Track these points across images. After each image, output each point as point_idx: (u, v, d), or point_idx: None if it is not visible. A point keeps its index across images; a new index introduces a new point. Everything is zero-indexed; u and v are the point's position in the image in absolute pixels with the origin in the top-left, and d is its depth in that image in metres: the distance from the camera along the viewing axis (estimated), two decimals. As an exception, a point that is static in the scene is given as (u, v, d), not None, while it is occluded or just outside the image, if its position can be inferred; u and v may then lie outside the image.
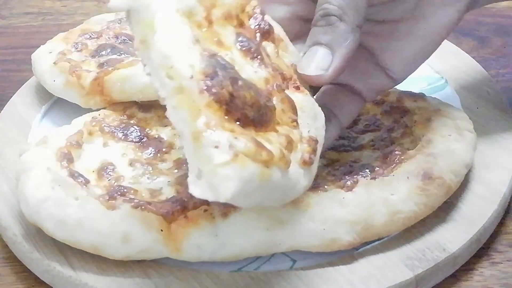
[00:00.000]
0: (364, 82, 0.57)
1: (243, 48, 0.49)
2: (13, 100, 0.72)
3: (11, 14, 0.96)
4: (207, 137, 0.41)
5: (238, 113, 0.43)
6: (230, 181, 0.40)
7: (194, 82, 0.42)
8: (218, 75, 0.43)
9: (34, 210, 0.53)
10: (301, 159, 0.46)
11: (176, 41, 0.44)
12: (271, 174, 0.43)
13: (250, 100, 0.44)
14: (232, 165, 0.41)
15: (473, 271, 0.54)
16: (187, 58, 0.43)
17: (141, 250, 0.51)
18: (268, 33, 0.52)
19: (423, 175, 0.54)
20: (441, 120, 0.60)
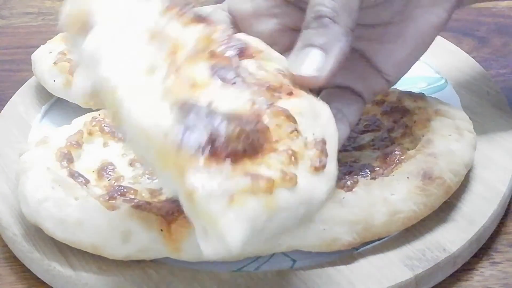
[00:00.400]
0: (363, 84, 0.57)
1: (219, 78, 0.46)
2: (13, 100, 0.72)
3: (11, 14, 0.96)
4: (198, 194, 0.39)
5: (224, 152, 0.41)
6: (235, 227, 0.38)
7: (169, 142, 0.40)
8: (192, 125, 0.41)
9: (34, 210, 0.53)
10: (311, 167, 0.43)
11: (143, 107, 0.42)
12: (277, 199, 0.40)
13: (234, 133, 0.42)
14: (231, 209, 0.39)
15: (473, 271, 0.54)
16: (158, 120, 0.41)
17: (141, 250, 0.51)
18: (243, 51, 0.49)
19: (423, 175, 0.54)
20: (441, 120, 0.60)
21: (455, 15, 0.81)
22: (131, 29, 0.45)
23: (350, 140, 0.61)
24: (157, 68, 0.44)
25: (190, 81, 0.44)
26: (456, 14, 0.90)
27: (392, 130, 0.61)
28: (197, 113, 0.41)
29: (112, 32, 0.44)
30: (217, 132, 0.41)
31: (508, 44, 0.84)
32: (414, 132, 0.60)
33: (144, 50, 0.44)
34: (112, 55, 0.43)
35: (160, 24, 0.46)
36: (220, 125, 0.41)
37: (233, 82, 0.46)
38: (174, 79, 0.44)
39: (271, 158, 0.42)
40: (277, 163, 0.42)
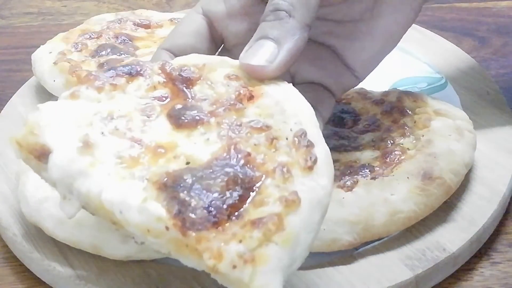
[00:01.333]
0: (334, 81, 0.58)
1: (181, 125, 0.46)
2: (13, 100, 0.72)
3: (11, 14, 0.96)
4: (221, 268, 0.40)
5: (225, 213, 0.41)
6: (269, 284, 0.39)
7: (173, 231, 0.41)
8: (185, 206, 0.41)
9: (34, 210, 0.53)
10: (304, 168, 0.43)
11: (132, 203, 0.41)
12: (291, 228, 0.41)
13: (224, 188, 0.42)
14: (257, 270, 0.39)
15: (473, 271, 0.54)
16: (151, 214, 0.41)
17: (141, 250, 0.51)
18: (188, 80, 0.49)
19: (423, 175, 0.54)
20: (441, 120, 0.60)
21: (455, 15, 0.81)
22: (83, 134, 0.44)
23: (350, 140, 0.61)
24: (123, 154, 0.44)
25: (157, 148, 0.44)
26: (456, 14, 0.90)
27: (392, 130, 0.61)
28: (184, 191, 0.42)
29: (69, 151, 0.43)
30: (209, 198, 0.41)
31: (508, 44, 0.84)
32: (414, 132, 0.60)
33: (104, 145, 0.44)
34: (80, 169, 0.43)
35: (103, 109, 0.46)
36: (208, 188, 0.42)
37: (195, 122, 0.46)
38: (143, 155, 0.44)
39: (268, 187, 0.42)
40: (275, 189, 0.42)
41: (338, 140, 0.61)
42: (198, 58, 0.51)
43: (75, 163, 0.43)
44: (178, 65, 0.49)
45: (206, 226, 0.41)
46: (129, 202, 0.42)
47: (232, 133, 0.45)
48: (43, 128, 0.44)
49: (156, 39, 0.75)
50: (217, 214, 0.41)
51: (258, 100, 0.47)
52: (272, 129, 0.45)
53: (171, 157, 0.44)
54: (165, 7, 0.98)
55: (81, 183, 0.43)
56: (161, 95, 0.48)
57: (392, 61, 0.61)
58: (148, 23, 0.79)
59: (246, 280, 0.39)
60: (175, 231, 0.41)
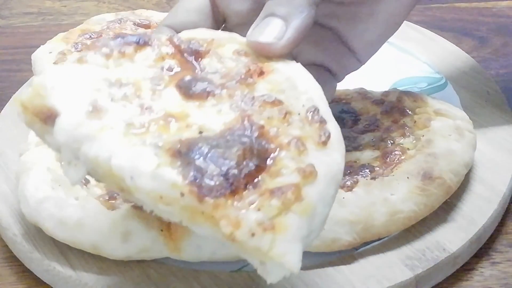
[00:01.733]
0: (337, 63, 0.57)
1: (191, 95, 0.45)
2: (13, 100, 0.72)
3: (11, 14, 0.96)
4: (239, 235, 0.39)
5: (242, 181, 0.41)
6: (288, 252, 0.39)
7: (188, 197, 0.40)
8: (201, 172, 0.40)
9: (34, 210, 0.53)
10: (318, 143, 0.43)
11: (143, 169, 0.40)
12: (309, 199, 0.40)
13: (240, 157, 0.41)
14: (277, 238, 0.39)
15: (473, 271, 0.54)
16: (165, 181, 0.40)
17: (141, 250, 0.51)
18: (196, 52, 0.48)
19: (423, 175, 0.54)
20: (441, 120, 0.60)
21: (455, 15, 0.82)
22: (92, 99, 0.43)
23: (350, 140, 0.61)
24: (133, 121, 0.43)
25: (168, 117, 0.43)
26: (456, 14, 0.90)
27: (392, 130, 0.61)
28: (199, 157, 0.41)
29: (78, 115, 0.42)
30: (226, 166, 0.41)
31: (508, 44, 0.84)
32: (414, 132, 0.60)
33: (114, 111, 0.43)
34: (89, 133, 0.42)
35: (111, 75, 0.45)
36: (225, 156, 0.41)
37: (206, 94, 0.45)
38: (154, 124, 0.43)
39: (283, 159, 0.42)
40: (290, 161, 0.42)
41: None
42: (206, 32, 0.50)
43: (83, 127, 0.42)
44: (186, 38, 0.49)
45: (223, 193, 0.40)
46: (140, 168, 0.40)
47: (244, 105, 0.45)
48: (50, 90, 0.43)
49: (156, 39, 0.75)
50: (234, 182, 0.40)
51: (268, 76, 0.47)
52: (284, 104, 0.45)
53: (183, 126, 0.43)
54: (165, 7, 0.98)
55: (89, 147, 0.41)
56: (170, 66, 0.47)
57: (392, 61, 0.61)
58: (148, 23, 0.78)
59: (265, 248, 0.39)
60: (191, 198, 0.40)
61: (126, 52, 0.47)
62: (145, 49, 0.48)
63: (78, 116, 0.42)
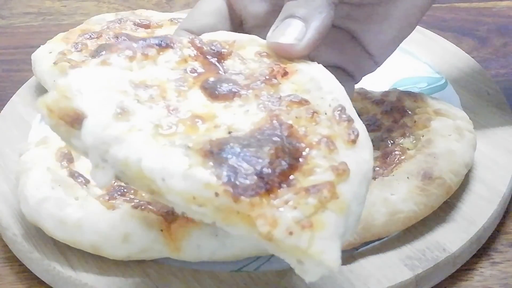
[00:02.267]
0: (354, 65, 0.57)
1: (216, 96, 0.45)
2: (13, 100, 0.72)
3: (11, 14, 0.96)
4: (276, 234, 0.39)
5: (276, 180, 0.41)
6: (328, 250, 0.39)
7: (223, 197, 0.39)
8: (235, 172, 0.40)
9: (34, 210, 0.53)
10: (348, 142, 0.43)
11: (174, 171, 0.40)
12: (343, 197, 0.40)
13: (272, 156, 0.41)
14: (315, 236, 0.39)
15: (473, 271, 0.54)
16: (197, 181, 0.40)
17: (141, 250, 0.51)
18: (219, 54, 0.48)
19: (423, 175, 0.54)
20: (441, 120, 0.60)
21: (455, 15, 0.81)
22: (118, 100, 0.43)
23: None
24: (161, 122, 0.43)
25: (195, 118, 0.43)
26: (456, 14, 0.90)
27: (392, 130, 0.61)
28: (232, 157, 0.41)
29: (105, 117, 0.42)
30: (260, 165, 0.41)
31: (508, 44, 0.84)
32: (414, 132, 0.60)
33: (141, 113, 0.43)
34: (117, 135, 0.41)
35: (136, 77, 0.45)
36: (257, 155, 0.41)
37: (232, 94, 0.45)
38: (181, 125, 0.43)
39: (314, 157, 0.42)
40: (322, 159, 0.42)
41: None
42: (227, 35, 0.51)
43: (111, 129, 0.41)
44: (208, 40, 0.49)
45: (259, 192, 0.40)
46: (172, 169, 0.40)
47: (272, 105, 0.45)
48: (76, 93, 0.42)
49: (156, 39, 0.75)
50: (269, 180, 0.40)
51: (292, 76, 0.47)
52: (311, 104, 0.45)
53: (211, 126, 0.43)
54: (165, 7, 0.98)
55: (118, 149, 0.41)
56: (193, 67, 0.47)
57: (392, 61, 0.61)
58: (148, 23, 0.78)
59: (304, 246, 0.38)
60: (226, 198, 0.39)
61: (149, 55, 0.47)
62: (167, 51, 0.48)
63: (105, 118, 0.42)
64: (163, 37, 0.48)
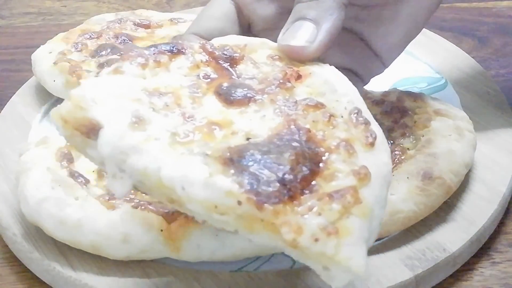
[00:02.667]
0: (363, 67, 0.57)
1: (231, 102, 0.45)
2: (13, 100, 0.72)
3: (11, 14, 0.96)
4: (302, 241, 0.38)
5: (298, 186, 0.40)
6: (354, 256, 0.39)
7: (246, 205, 0.39)
8: (257, 179, 0.40)
9: (34, 210, 0.53)
10: (366, 144, 0.43)
11: (194, 179, 0.40)
12: (366, 202, 0.40)
13: (294, 163, 0.41)
14: (341, 242, 0.39)
15: (473, 271, 0.54)
16: (219, 189, 0.39)
17: (141, 250, 0.51)
18: (231, 58, 0.48)
19: (423, 175, 0.54)
20: (441, 120, 0.60)
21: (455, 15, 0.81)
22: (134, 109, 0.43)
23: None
24: (177, 130, 0.42)
25: (212, 125, 0.43)
26: (456, 14, 0.90)
27: (392, 130, 0.61)
28: (251, 163, 0.41)
29: (121, 127, 0.41)
30: (281, 171, 0.40)
31: (508, 44, 0.84)
32: (414, 132, 0.60)
33: (157, 121, 0.43)
34: (134, 144, 0.41)
35: (149, 85, 0.45)
36: (278, 162, 0.41)
37: (247, 100, 0.45)
38: (198, 132, 0.43)
39: (334, 162, 0.42)
40: (342, 163, 0.42)
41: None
42: (238, 39, 0.50)
43: (127, 138, 0.41)
44: (219, 45, 0.49)
45: (282, 199, 0.39)
46: (192, 178, 0.40)
47: (288, 110, 0.45)
48: (91, 103, 0.42)
49: (156, 39, 0.75)
50: (291, 187, 0.40)
51: (306, 80, 0.47)
52: (327, 107, 0.45)
53: (228, 133, 0.43)
54: (165, 7, 0.98)
55: (136, 159, 0.41)
56: (206, 73, 0.47)
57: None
58: (148, 23, 0.79)
59: (331, 253, 0.38)
60: (249, 206, 0.39)
61: (162, 61, 0.47)
62: (179, 57, 0.47)
63: (122, 127, 0.41)
64: (174, 43, 0.48)
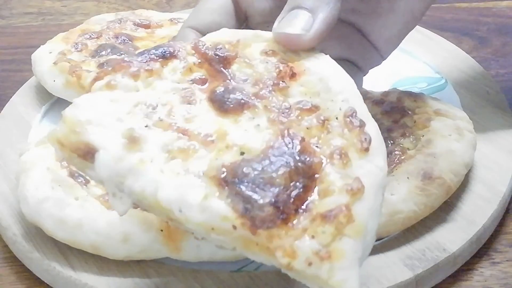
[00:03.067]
0: (362, 58, 0.58)
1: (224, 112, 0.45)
2: (13, 100, 0.72)
3: (11, 14, 0.96)
4: (296, 265, 0.39)
5: (292, 206, 0.40)
6: (348, 278, 0.39)
7: (241, 230, 0.40)
8: (251, 203, 0.40)
9: (34, 210, 0.53)
10: (360, 150, 0.43)
11: (193, 204, 0.40)
12: (359, 219, 0.40)
13: (287, 181, 0.41)
14: (335, 266, 0.39)
15: (473, 271, 0.54)
16: (215, 213, 0.40)
17: (141, 250, 0.51)
18: (224, 59, 0.47)
19: (423, 175, 0.54)
20: (441, 120, 0.60)
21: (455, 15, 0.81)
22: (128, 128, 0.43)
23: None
24: (172, 147, 0.43)
25: (207, 138, 0.43)
26: (456, 14, 0.90)
27: (392, 130, 0.61)
28: (245, 186, 0.41)
29: (116, 149, 0.42)
30: (275, 192, 0.40)
31: (508, 44, 0.84)
32: (414, 132, 0.60)
33: (151, 139, 0.43)
34: (130, 167, 0.41)
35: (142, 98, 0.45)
36: (271, 182, 0.41)
37: (241, 107, 0.45)
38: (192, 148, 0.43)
39: (328, 174, 0.42)
40: (336, 175, 0.42)
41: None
42: (230, 33, 0.49)
43: (123, 161, 0.41)
44: (211, 43, 0.48)
45: (276, 223, 0.40)
46: (188, 200, 0.40)
47: (282, 117, 0.44)
48: (85, 125, 0.42)
49: (156, 39, 0.75)
50: (285, 209, 0.40)
51: (301, 78, 0.47)
52: (321, 109, 0.45)
53: (223, 147, 0.43)
54: (165, 7, 0.98)
55: (133, 181, 0.41)
56: (199, 77, 0.46)
57: (392, 61, 0.61)
58: (148, 23, 0.79)
59: (324, 277, 0.39)
60: (244, 230, 0.40)
61: (154, 69, 0.46)
62: (171, 61, 0.47)
63: (117, 150, 0.42)
64: (166, 46, 0.48)
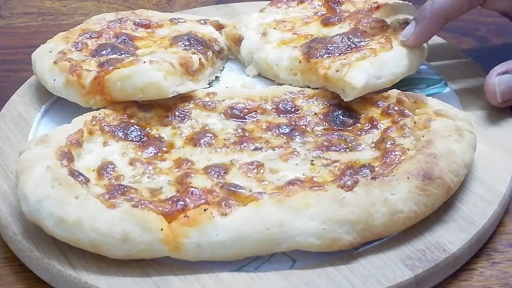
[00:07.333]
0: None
1: (326, 24, 0.79)
2: (13, 99, 0.73)
3: (11, 14, 0.96)
4: (329, 73, 0.67)
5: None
6: (356, 76, 0.64)
7: (304, 62, 0.71)
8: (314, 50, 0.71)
9: (34, 209, 0.53)
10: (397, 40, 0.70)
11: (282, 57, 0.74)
12: (380, 56, 0.66)
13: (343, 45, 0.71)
14: (350, 69, 0.65)
15: (473, 271, 0.54)
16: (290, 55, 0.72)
17: (141, 249, 0.51)
18: (338, 2, 0.81)
19: (423, 175, 0.54)
20: (441, 120, 0.60)
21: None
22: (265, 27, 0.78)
23: (350, 141, 0.61)
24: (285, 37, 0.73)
25: (308, 35, 0.73)
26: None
27: (392, 130, 0.61)
28: (317, 43, 0.69)
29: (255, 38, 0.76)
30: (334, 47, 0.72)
31: (508, 44, 0.84)
32: (414, 133, 0.60)
33: (275, 34, 0.76)
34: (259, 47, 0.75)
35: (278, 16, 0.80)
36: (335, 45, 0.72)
37: (338, 22, 0.76)
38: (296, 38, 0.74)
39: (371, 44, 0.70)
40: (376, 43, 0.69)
41: (338, 140, 0.61)
42: None
43: (256, 43, 0.75)
44: None
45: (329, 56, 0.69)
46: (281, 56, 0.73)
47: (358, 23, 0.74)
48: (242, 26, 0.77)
49: (156, 39, 0.75)
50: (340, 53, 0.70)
51: (381, 8, 0.76)
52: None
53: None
54: (165, 7, 0.98)
55: (259, 55, 0.75)
56: (319, 11, 0.80)
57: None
58: (148, 23, 0.79)
59: (342, 75, 0.65)
60: (304, 63, 0.70)
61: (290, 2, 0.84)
62: (303, 3, 0.83)
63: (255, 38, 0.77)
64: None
